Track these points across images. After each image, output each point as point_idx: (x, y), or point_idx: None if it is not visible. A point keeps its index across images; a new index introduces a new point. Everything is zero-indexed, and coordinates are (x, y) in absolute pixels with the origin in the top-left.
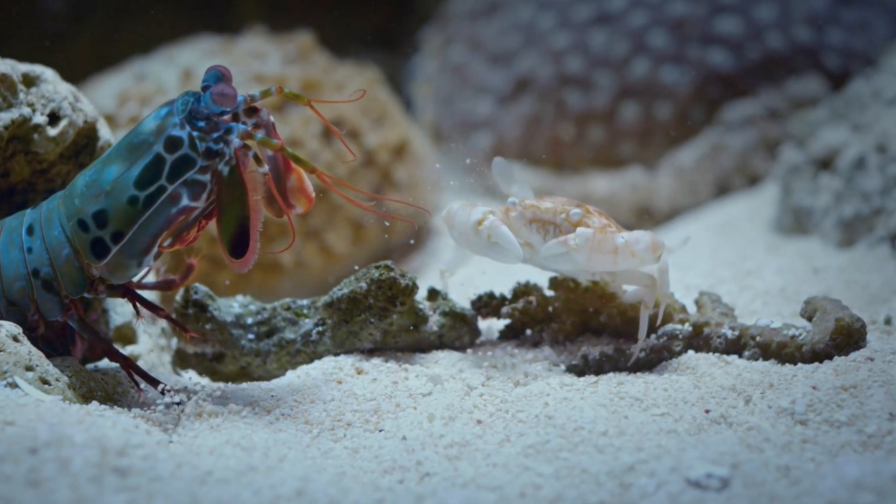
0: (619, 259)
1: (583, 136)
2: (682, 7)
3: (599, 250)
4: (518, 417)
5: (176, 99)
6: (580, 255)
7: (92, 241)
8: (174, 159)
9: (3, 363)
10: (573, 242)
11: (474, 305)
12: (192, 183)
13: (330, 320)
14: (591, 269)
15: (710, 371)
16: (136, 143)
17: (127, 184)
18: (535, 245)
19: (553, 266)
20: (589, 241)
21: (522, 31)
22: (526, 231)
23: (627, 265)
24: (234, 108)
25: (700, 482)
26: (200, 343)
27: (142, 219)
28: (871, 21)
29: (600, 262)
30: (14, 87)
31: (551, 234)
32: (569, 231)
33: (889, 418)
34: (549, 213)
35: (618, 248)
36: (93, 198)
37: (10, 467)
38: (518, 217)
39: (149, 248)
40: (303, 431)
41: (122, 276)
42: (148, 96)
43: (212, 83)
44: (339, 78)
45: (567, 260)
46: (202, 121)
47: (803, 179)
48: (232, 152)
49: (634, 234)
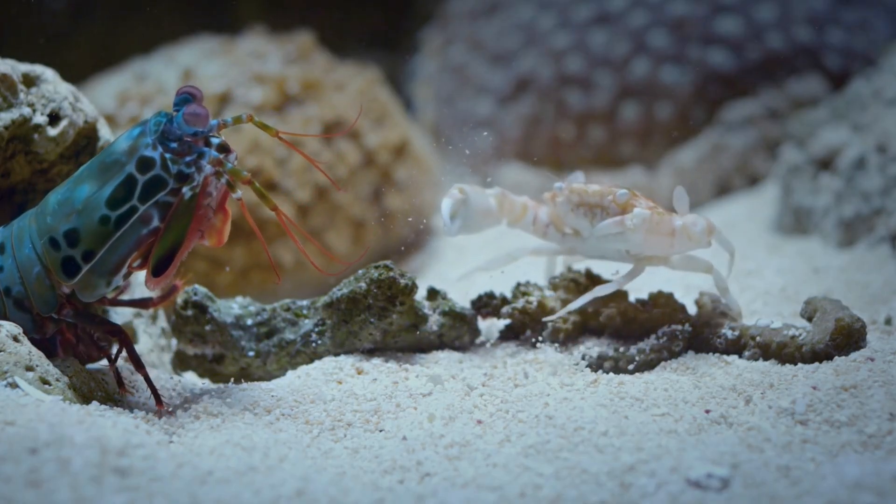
0: (675, 241)
1: (583, 137)
2: (683, 7)
3: (657, 232)
4: (518, 417)
5: (148, 119)
6: (637, 235)
7: (63, 260)
8: (146, 180)
9: (4, 363)
10: (630, 223)
11: (474, 305)
12: (163, 204)
13: (330, 321)
14: (645, 252)
15: (711, 371)
16: (108, 162)
17: (99, 203)
18: (582, 231)
19: (603, 249)
20: (646, 221)
21: (523, 32)
22: (573, 216)
23: (683, 248)
24: (206, 128)
25: (700, 482)
26: (201, 344)
27: (113, 238)
28: (871, 21)
29: (657, 243)
30: (14, 87)
31: (598, 218)
32: (616, 213)
33: (889, 418)
34: (596, 196)
35: (675, 231)
36: (64, 216)
37: (10, 467)
38: (564, 202)
39: (119, 268)
40: (303, 431)
41: (91, 294)
42: (148, 96)
43: (183, 105)
44: (340, 78)
45: (622, 240)
46: (174, 142)
47: (803, 179)
48: (201, 179)
49: (690, 216)
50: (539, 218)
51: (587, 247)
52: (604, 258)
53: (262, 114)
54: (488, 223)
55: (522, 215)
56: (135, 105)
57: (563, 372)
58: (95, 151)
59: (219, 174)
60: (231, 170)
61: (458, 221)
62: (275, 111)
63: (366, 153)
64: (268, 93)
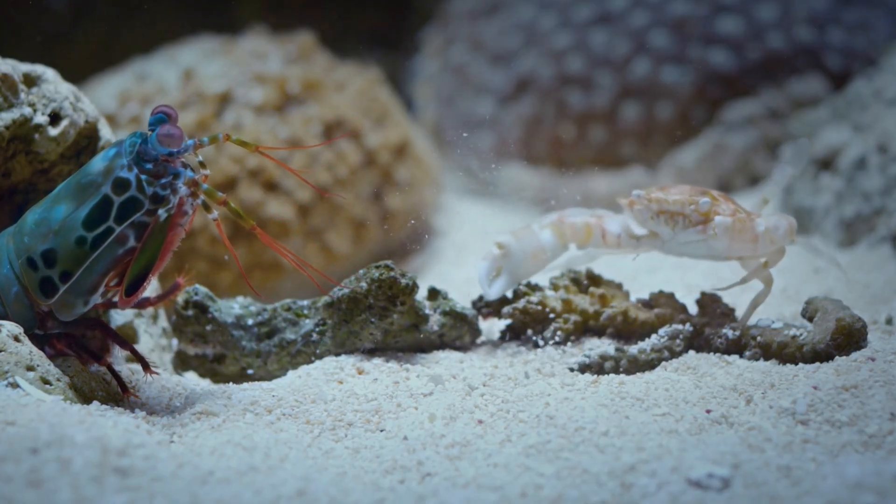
0: (759, 246)
1: (584, 137)
2: (683, 7)
3: (740, 239)
4: (519, 417)
5: (124, 140)
6: (720, 243)
7: (41, 280)
8: (122, 201)
9: (5, 363)
10: (713, 232)
11: (475, 305)
12: (138, 225)
13: (330, 320)
14: (729, 256)
15: (712, 371)
16: (84, 183)
17: (75, 224)
18: (662, 235)
19: (686, 252)
20: (729, 230)
21: (523, 31)
22: (653, 223)
23: (767, 250)
24: (180, 148)
25: (701, 482)
26: (202, 344)
27: (90, 259)
28: (872, 21)
29: (740, 248)
30: (15, 87)
31: (680, 225)
32: (698, 221)
33: (890, 418)
34: (677, 205)
35: (758, 237)
36: (41, 236)
37: (10, 467)
38: (643, 210)
39: (96, 288)
40: (304, 431)
41: (69, 314)
42: (149, 96)
43: (158, 124)
44: (340, 78)
45: (705, 248)
46: (149, 163)
47: (804, 179)
48: (176, 201)
49: (772, 219)
50: (608, 231)
51: (668, 248)
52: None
53: (263, 114)
54: (540, 262)
55: (588, 236)
56: (135, 105)
57: (564, 372)
58: (96, 151)
59: (194, 195)
60: (206, 190)
61: (502, 279)
62: (275, 111)
63: (366, 153)
64: (268, 93)
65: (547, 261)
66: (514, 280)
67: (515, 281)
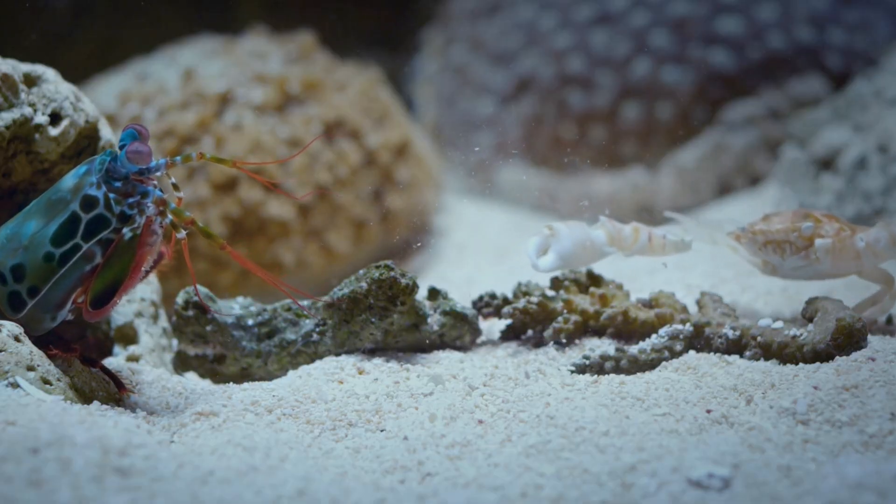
0: (863, 262)
1: (584, 136)
2: (684, 7)
3: (842, 258)
4: (519, 417)
5: (95, 158)
6: (823, 266)
7: (9, 295)
8: (89, 219)
9: (5, 363)
10: (814, 257)
11: (475, 305)
12: (106, 242)
13: (331, 320)
14: (838, 274)
15: (712, 371)
16: (54, 199)
17: (44, 240)
18: (773, 262)
19: (800, 276)
20: (829, 252)
21: (524, 31)
22: (762, 253)
23: (872, 264)
24: (149, 166)
25: (701, 482)
26: (202, 344)
27: (57, 275)
28: (872, 21)
29: (844, 266)
30: (16, 87)
31: (788, 252)
32: (803, 246)
33: (891, 418)
34: (781, 234)
35: (860, 253)
36: (12, 251)
37: (11, 467)
38: (749, 243)
39: (63, 303)
40: (304, 431)
41: (36, 328)
42: (149, 96)
43: (128, 141)
44: (341, 78)
45: (813, 271)
46: (119, 181)
47: (805, 179)
48: (143, 221)
49: (872, 233)
50: (654, 234)
51: (783, 274)
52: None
53: (264, 114)
54: (591, 255)
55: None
56: (136, 105)
57: (565, 372)
58: (97, 151)
59: (163, 213)
60: (174, 210)
61: (551, 257)
62: (276, 111)
63: (367, 153)
64: (269, 93)
65: (592, 257)
66: (562, 261)
67: (564, 263)
